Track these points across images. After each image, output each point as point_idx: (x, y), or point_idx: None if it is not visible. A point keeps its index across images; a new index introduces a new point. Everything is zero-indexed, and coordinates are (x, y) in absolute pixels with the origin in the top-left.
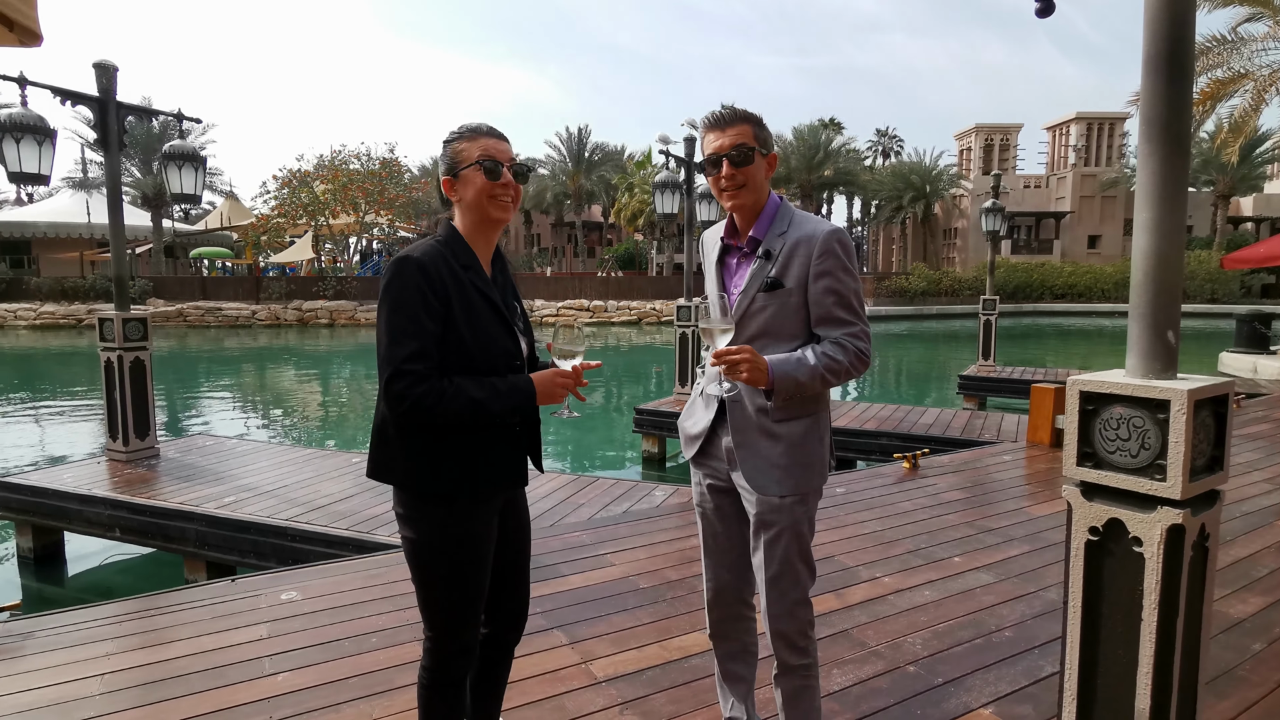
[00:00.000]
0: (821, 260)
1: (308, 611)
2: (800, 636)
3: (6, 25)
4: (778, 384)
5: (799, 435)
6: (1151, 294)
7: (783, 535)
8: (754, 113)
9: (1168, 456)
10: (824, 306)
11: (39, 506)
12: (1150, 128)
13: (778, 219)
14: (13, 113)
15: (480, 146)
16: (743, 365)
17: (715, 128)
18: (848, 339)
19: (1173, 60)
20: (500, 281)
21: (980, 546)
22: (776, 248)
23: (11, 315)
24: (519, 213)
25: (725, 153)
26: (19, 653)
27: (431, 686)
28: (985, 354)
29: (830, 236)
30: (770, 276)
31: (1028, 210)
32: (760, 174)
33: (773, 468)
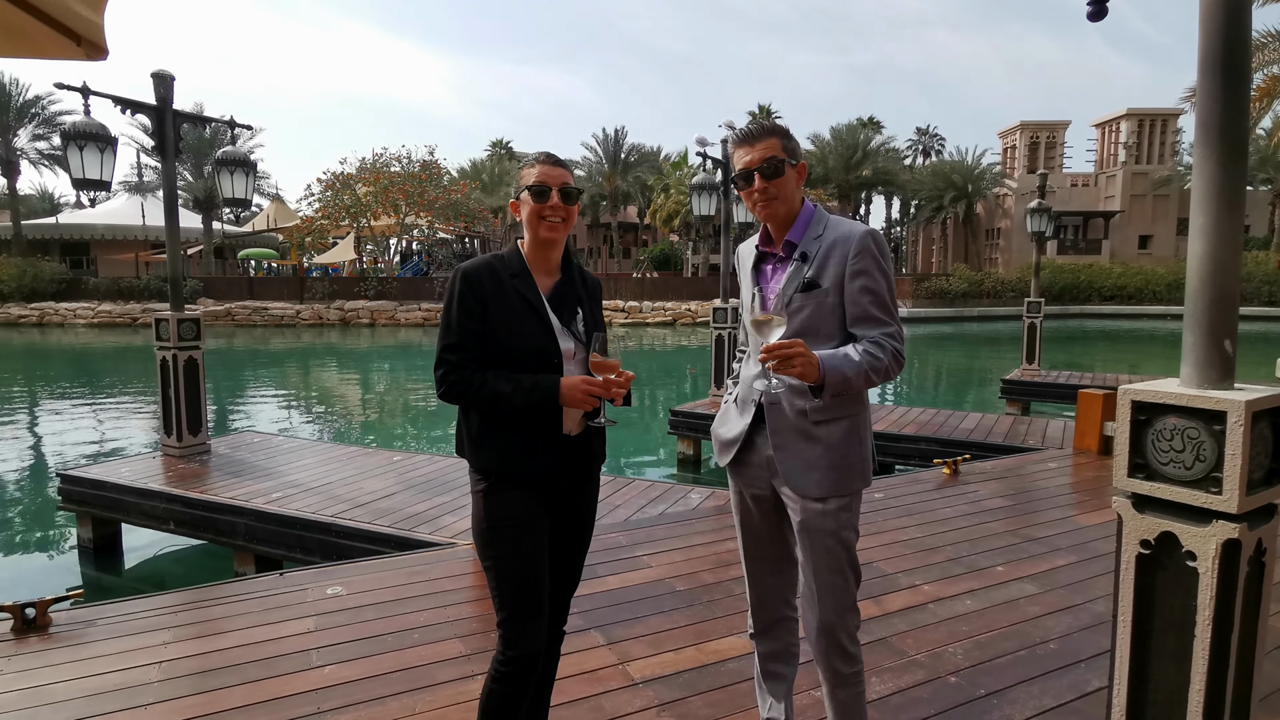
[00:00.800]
0: (858, 259)
1: (352, 606)
2: (850, 641)
3: (74, 40)
4: (828, 378)
5: (838, 437)
6: (1208, 301)
7: (827, 540)
8: (781, 125)
9: (1224, 469)
10: (860, 306)
11: (99, 499)
12: (1206, 131)
13: (813, 223)
14: (77, 122)
15: (535, 173)
16: (796, 359)
17: (744, 143)
18: (885, 339)
19: (1229, 62)
20: (563, 291)
21: (1024, 556)
22: (813, 250)
23: (71, 314)
24: None
25: (755, 167)
26: (83, 639)
27: (495, 679)
28: (1029, 357)
29: (865, 236)
30: (807, 277)
31: (1075, 210)
32: (791, 184)
33: (812, 470)
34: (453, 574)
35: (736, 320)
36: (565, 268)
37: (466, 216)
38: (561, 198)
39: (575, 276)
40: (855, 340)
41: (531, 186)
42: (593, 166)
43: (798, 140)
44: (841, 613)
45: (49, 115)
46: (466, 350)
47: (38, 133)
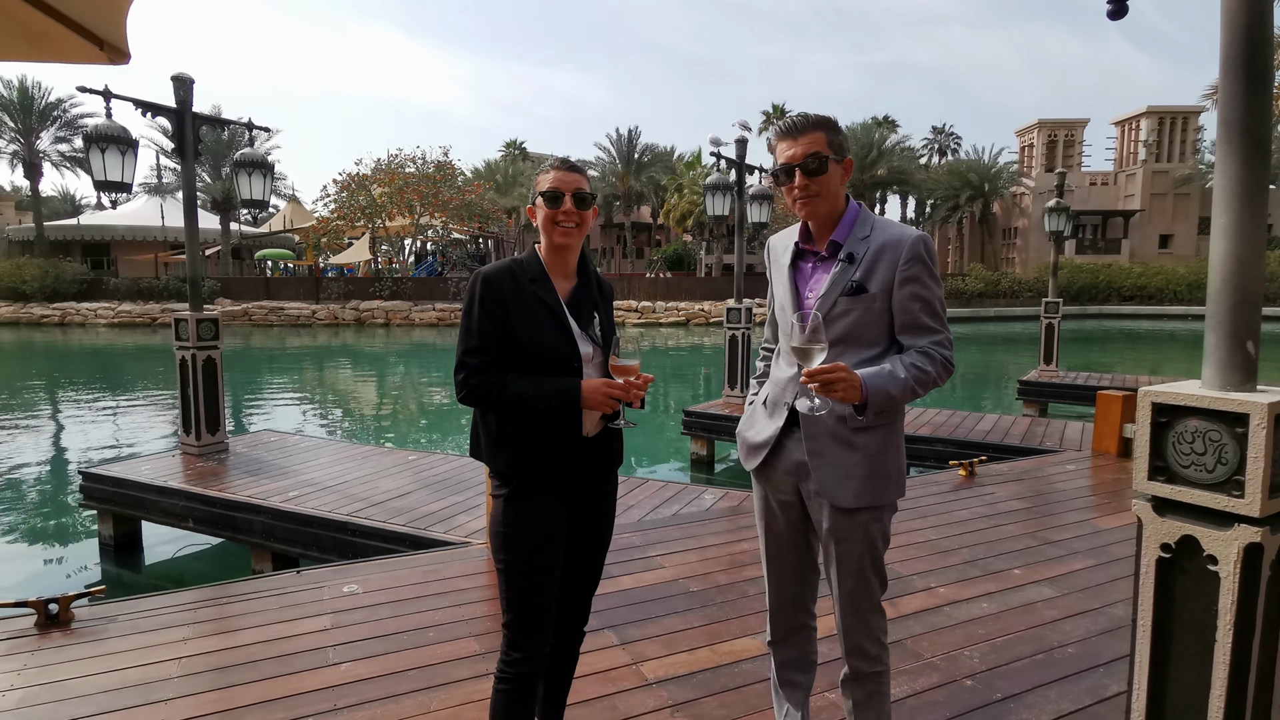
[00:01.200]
0: (909, 266)
1: (368, 605)
2: (873, 644)
3: (97, 44)
4: (871, 399)
5: (877, 445)
6: (1231, 302)
7: (856, 547)
8: (828, 117)
9: (1246, 472)
10: (910, 313)
11: (120, 497)
12: (1229, 130)
13: (859, 223)
14: (99, 125)
15: (549, 179)
16: (839, 384)
17: (788, 136)
18: (934, 348)
19: (1251, 61)
20: (580, 296)
21: (1041, 559)
22: (860, 252)
23: (92, 314)
24: None
25: (798, 162)
26: (103, 635)
27: (501, 679)
28: (1047, 358)
29: (918, 242)
30: (854, 281)
31: (1093, 209)
32: (835, 182)
33: (849, 479)
34: (467, 573)
35: (750, 321)
36: (582, 272)
37: (480, 217)
38: (575, 203)
39: (592, 280)
40: (901, 347)
41: (545, 192)
42: (606, 167)
43: (845, 134)
44: (864, 615)
45: (71, 118)
46: (487, 354)
47: (59, 135)
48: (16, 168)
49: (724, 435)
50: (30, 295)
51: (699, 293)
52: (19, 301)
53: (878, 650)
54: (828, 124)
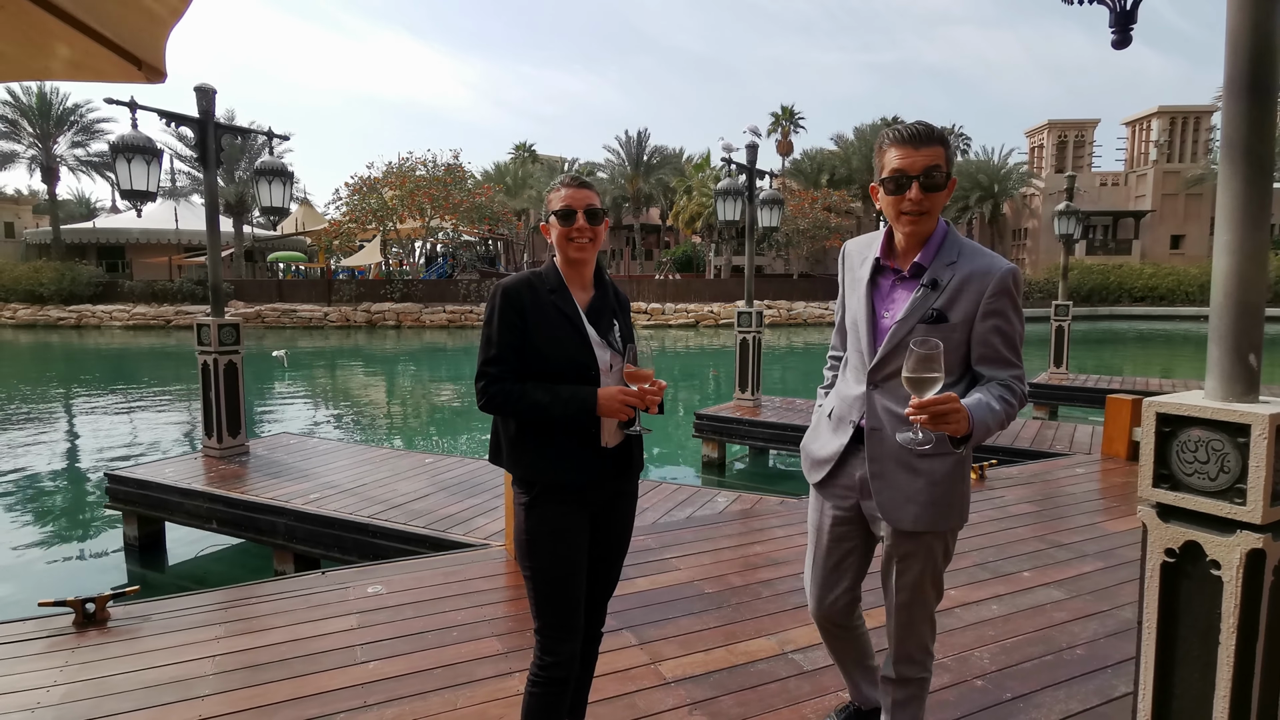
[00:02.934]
0: (994, 299)
1: (393, 605)
2: (921, 652)
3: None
4: (975, 432)
5: (942, 472)
6: (1233, 316)
7: (916, 565)
8: (941, 130)
9: (1248, 480)
10: (990, 346)
11: (144, 499)
12: (1232, 149)
13: (945, 247)
14: (125, 135)
15: (561, 197)
16: (952, 416)
17: (908, 144)
18: (1015, 382)
19: (1256, 83)
20: (599, 305)
21: (1051, 562)
22: (944, 278)
23: (108, 316)
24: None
25: (917, 173)
26: (139, 633)
27: (534, 683)
28: (1057, 361)
29: (1006, 275)
30: (935, 309)
31: (1104, 209)
32: (942, 203)
33: (909, 503)
34: (487, 574)
35: (760, 324)
36: (599, 282)
37: (490, 219)
38: (587, 219)
39: (609, 291)
40: (977, 376)
41: (557, 211)
42: (615, 169)
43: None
44: (916, 625)
45: (87, 123)
46: (506, 363)
47: (76, 140)
48: (34, 172)
49: (735, 438)
50: (47, 298)
51: (708, 294)
52: (36, 304)
53: (923, 657)
54: (947, 140)
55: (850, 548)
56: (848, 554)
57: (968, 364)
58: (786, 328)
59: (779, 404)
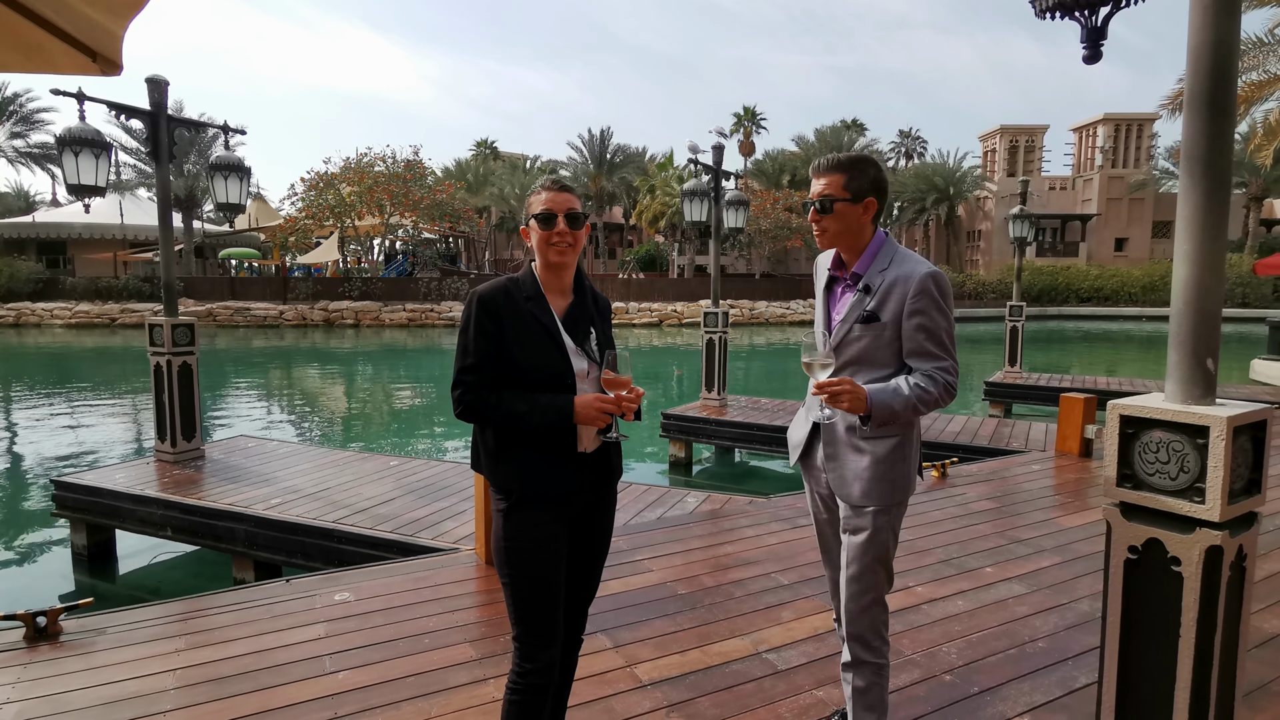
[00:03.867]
0: (916, 299)
1: (361, 612)
2: (874, 636)
3: (90, 56)
4: (875, 412)
5: (884, 452)
6: (1192, 322)
7: (864, 538)
8: (856, 158)
9: (1206, 480)
10: (916, 341)
11: (94, 506)
12: (1192, 163)
13: (880, 256)
14: (72, 127)
15: (541, 201)
16: (844, 396)
17: (814, 174)
18: (938, 372)
19: (1215, 100)
20: (576, 313)
21: (1011, 557)
22: (876, 283)
23: (49, 314)
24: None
25: (814, 201)
26: (93, 647)
27: (513, 690)
28: (1012, 360)
29: (926, 277)
30: (867, 310)
31: (1053, 212)
32: (845, 220)
33: (856, 479)
34: (458, 579)
35: (726, 324)
36: (578, 289)
37: (451, 216)
38: (568, 223)
39: (588, 298)
40: (910, 371)
41: (538, 214)
42: (578, 167)
43: (880, 167)
44: (867, 606)
45: (26, 113)
46: (483, 371)
47: (15, 130)
48: None
49: (701, 437)
50: None
51: (671, 293)
52: None
53: (878, 643)
54: (849, 167)
55: (832, 523)
56: (831, 528)
57: (902, 359)
58: (749, 327)
59: (745, 403)
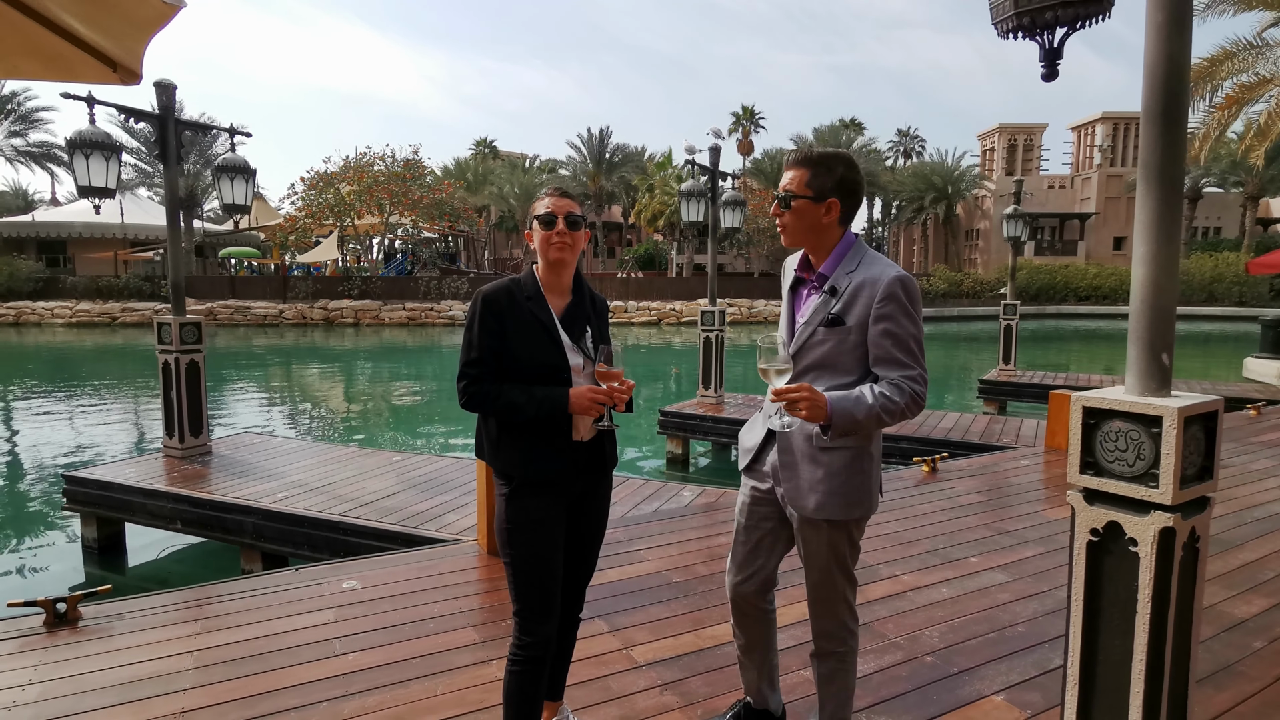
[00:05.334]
0: (883, 304)
1: (368, 599)
2: (839, 629)
3: (110, 66)
4: (835, 421)
5: (840, 465)
6: (1148, 320)
7: (821, 550)
8: (825, 155)
9: (1160, 466)
10: (882, 348)
11: (105, 499)
12: (1148, 171)
13: (848, 257)
14: (83, 131)
15: (544, 204)
16: (801, 404)
17: (785, 166)
18: (905, 381)
19: (1168, 112)
20: (574, 312)
21: (996, 548)
22: (842, 285)
23: (49, 313)
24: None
25: (778, 195)
26: (112, 632)
27: (513, 662)
28: (1006, 358)
29: (894, 282)
30: (832, 313)
31: (1051, 211)
32: (806, 219)
33: (811, 491)
34: (460, 568)
35: (723, 323)
36: (576, 289)
37: (451, 215)
38: (567, 224)
39: (585, 298)
40: (876, 379)
41: (540, 216)
42: (577, 166)
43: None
44: (832, 606)
45: (25, 112)
46: (485, 365)
47: (13, 129)
48: None
49: (698, 434)
50: None
51: (670, 292)
52: None
53: (844, 634)
54: (813, 163)
55: (767, 529)
56: (764, 535)
57: (867, 366)
58: (747, 325)
59: (741, 401)
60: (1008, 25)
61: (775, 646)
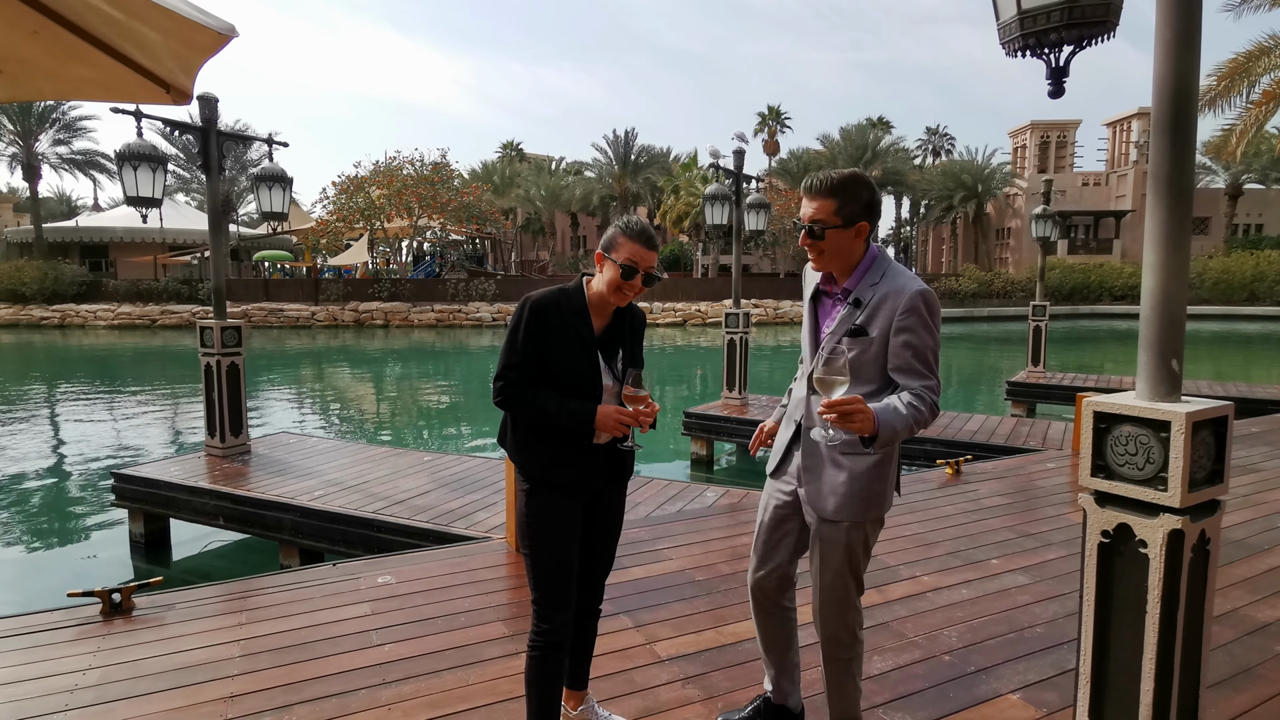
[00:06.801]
0: (905, 316)
1: (403, 594)
2: (847, 634)
3: (164, 88)
4: (881, 433)
5: (862, 469)
6: (1158, 327)
7: (837, 552)
8: (848, 181)
9: (1169, 470)
10: (902, 358)
11: (151, 496)
12: (1157, 182)
13: (871, 270)
14: (131, 143)
15: (630, 250)
16: (857, 416)
17: (806, 195)
18: (926, 391)
19: (1177, 124)
20: (611, 334)
21: (1018, 550)
22: (866, 297)
23: (92, 315)
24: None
25: (805, 225)
26: (164, 621)
27: (533, 648)
28: (1035, 360)
29: (916, 295)
30: (856, 324)
31: (1086, 209)
32: (839, 243)
33: (832, 494)
34: (490, 565)
35: (748, 325)
36: (617, 313)
37: (478, 218)
38: (644, 280)
39: (625, 321)
40: (895, 386)
41: (624, 265)
42: (603, 168)
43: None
44: (841, 610)
45: (69, 120)
46: (524, 370)
47: (58, 137)
48: (15, 170)
49: (723, 435)
50: (29, 297)
51: (695, 293)
52: (18, 304)
53: (850, 639)
54: (841, 191)
55: (789, 529)
56: (786, 534)
57: (884, 374)
58: (773, 326)
59: (766, 402)
60: (1015, 45)
61: (796, 645)
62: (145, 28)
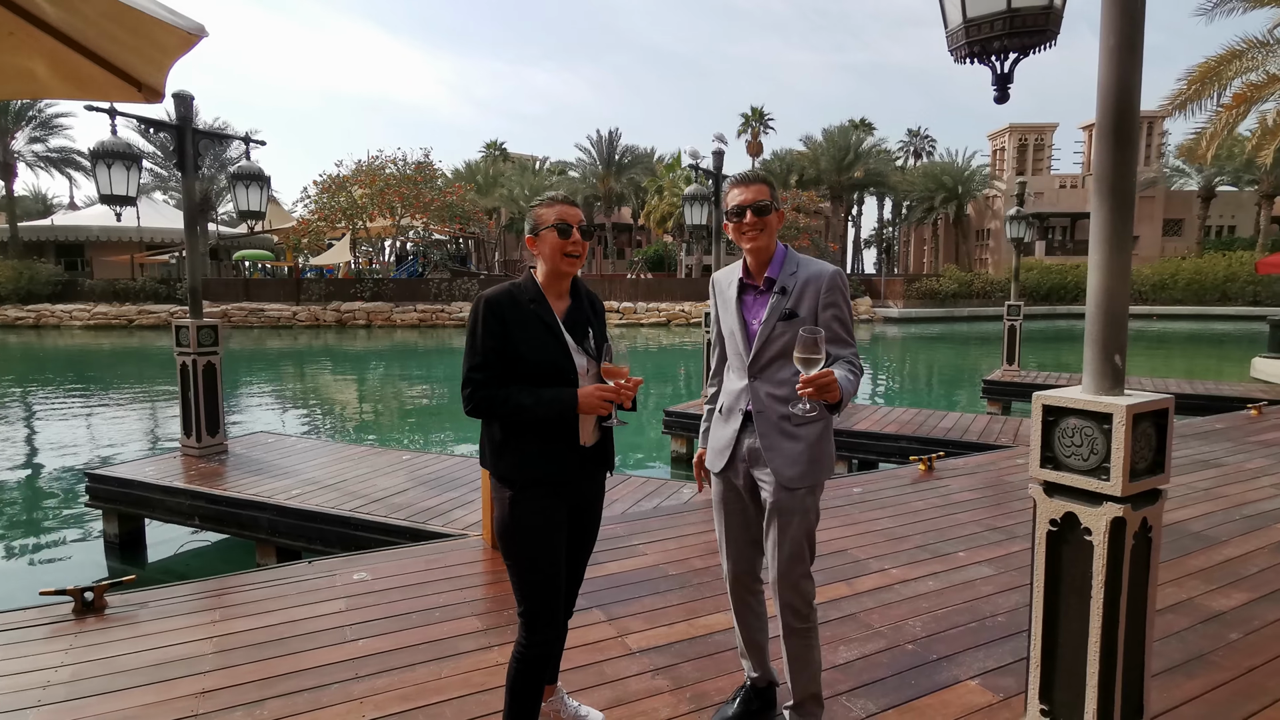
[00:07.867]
0: (828, 294)
1: (378, 590)
2: (804, 605)
3: (136, 86)
4: (844, 399)
5: (815, 436)
6: (1102, 323)
7: (794, 520)
8: (767, 174)
9: (1111, 460)
10: (833, 330)
11: (126, 496)
12: (1100, 185)
13: (787, 261)
14: (105, 141)
15: (556, 212)
16: (832, 387)
17: (741, 185)
18: (854, 358)
19: (1119, 131)
20: (575, 315)
21: (984, 543)
22: (790, 285)
23: (67, 315)
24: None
25: (750, 205)
26: (137, 619)
27: (520, 660)
28: (1009, 359)
29: (835, 275)
30: (787, 309)
31: (1062, 211)
32: (774, 224)
33: (794, 463)
34: (466, 561)
35: None
36: (574, 294)
37: (461, 218)
38: (581, 234)
39: (584, 301)
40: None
41: (556, 225)
42: (587, 168)
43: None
44: (797, 580)
45: (45, 118)
46: (491, 369)
47: (35, 135)
48: None
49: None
50: (4, 298)
51: (679, 293)
52: None
53: (807, 610)
54: (770, 181)
55: (748, 518)
56: (741, 521)
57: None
58: None
59: None
60: (962, 52)
61: (768, 624)
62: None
